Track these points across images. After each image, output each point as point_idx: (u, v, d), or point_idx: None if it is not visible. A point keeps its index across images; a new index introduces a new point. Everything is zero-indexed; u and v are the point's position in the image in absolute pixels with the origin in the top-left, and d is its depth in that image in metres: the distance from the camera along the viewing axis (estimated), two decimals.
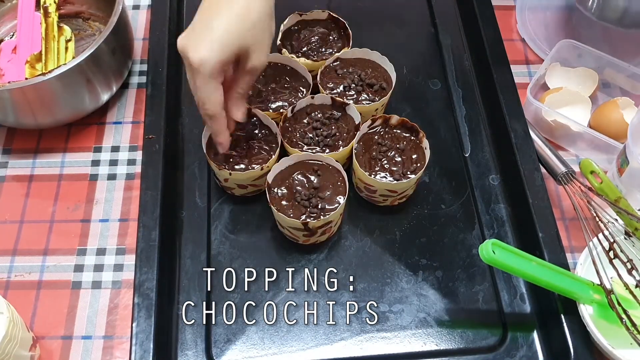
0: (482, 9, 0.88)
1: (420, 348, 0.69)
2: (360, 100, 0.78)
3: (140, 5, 0.95)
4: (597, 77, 0.85)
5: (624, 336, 0.63)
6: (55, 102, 0.77)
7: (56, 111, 0.79)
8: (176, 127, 0.82)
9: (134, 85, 0.87)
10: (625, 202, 0.71)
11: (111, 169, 0.81)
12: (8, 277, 0.74)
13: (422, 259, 0.74)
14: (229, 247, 0.74)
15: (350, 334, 0.69)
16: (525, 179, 0.74)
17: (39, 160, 0.82)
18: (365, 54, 0.80)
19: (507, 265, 0.63)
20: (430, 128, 0.80)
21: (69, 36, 0.85)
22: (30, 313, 0.71)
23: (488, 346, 0.69)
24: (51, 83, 0.74)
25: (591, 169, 0.72)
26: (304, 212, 0.69)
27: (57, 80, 0.74)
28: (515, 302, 0.71)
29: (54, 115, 0.80)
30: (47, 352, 0.69)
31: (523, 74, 0.89)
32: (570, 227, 0.77)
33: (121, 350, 0.69)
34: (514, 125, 0.78)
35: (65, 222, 0.77)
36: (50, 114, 0.79)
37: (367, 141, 0.75)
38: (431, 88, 0.87)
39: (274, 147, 0.74)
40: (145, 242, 0.70)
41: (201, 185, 0.78)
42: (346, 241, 0.75)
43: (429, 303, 0.71)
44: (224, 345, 0.69)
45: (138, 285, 0.67)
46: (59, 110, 0.79)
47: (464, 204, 0.78)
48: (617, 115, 0.80)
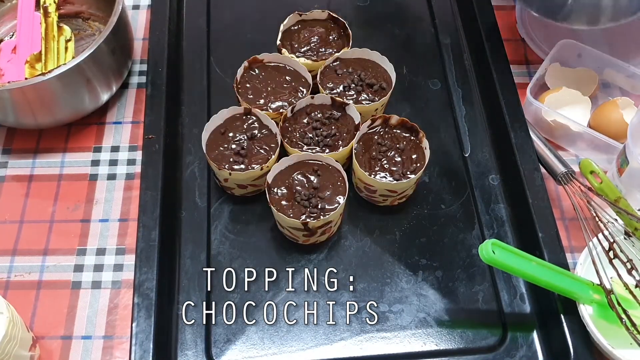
0: (481, 9, 0.88)
1: (420, 348, 0.69)
2: (360, 100, 0.78)
3: (140, 5, 0.95)
4: (596, 77, 0.85)
5: (624, 336, 0.63)
6: (55, 102, 0.77)
7: (56, 111, 0.79)
8: (176, 127, 0.82)
9: (134, 85, 0.87)
10: (625, 202, 0.71)
11: (111, 168, 0.81)
12: (8, 277, 0.74)
13: (421, 259, 0.74)
14: (228, 247, 0.74)
15: (350, 334, 0.69)
16: (525, 179, 0.74)
17: (38, 160, 0.82)
18: (365, 54, 0.80)
19: (507, 265, 0.63)
20: (430, 128, 0.80)
21: (68, 36, 0.85)
22: (30, 313, 0.71)
23: (488, 346, 0.69)
24: (51, 83, 0.74)
25: (591, 169, 0.72)
26: (304, 212, 0.69)
27: (57, 80, 0.74)
28: (515, 302, 0.71)
29: (54, 115, 0.80)
30: (47, 352, 0.69)
31: (523, 74, 0.89)
32: (570, 227, 0.77)
33: (121, 350, 0.69)
34: (514, 125, 0.78)
35: (65, 222, 0.77)
36: (50, 113, 0.79)
37: (367, 141, 0.75)
38: (431, 88, 0.87)
39: (274, 147, 0.74)
40: (145, 242, 0.70)
41: (201, 185, 0.78)
42: (346, 241, 0.75)
43: (428, 303, 0.71)
44: (223, 345, 0.69)
45: (138, 285, 0.68)
46: (58, 110, 0.79)
47: (464, 204, 0.78)
48: (616, 115, 0.80)
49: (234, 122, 0.75)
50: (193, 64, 0.88)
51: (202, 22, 0.91)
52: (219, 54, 0.89)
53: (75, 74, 0.76)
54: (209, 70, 0.87)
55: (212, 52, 0.89)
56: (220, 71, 0.87)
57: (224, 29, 0.91)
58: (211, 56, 0.89)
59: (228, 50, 0.89)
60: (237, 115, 0.76)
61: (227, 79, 0.85)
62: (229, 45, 0.90)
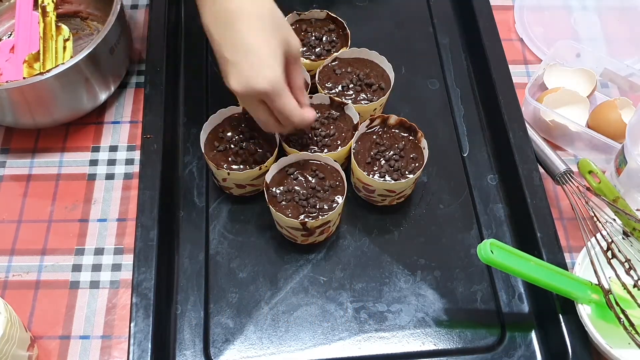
0: (480, 9, 0.88)
1: (418, 348, 0.69)
2: (359, 100, 0.78)
3: (139, 4, 0.95)
4: (595, 77, 0.85)
5: (622, 336, 0.63)
6: (53, 101, 0.77)
7: (54, 111, 0.79)
8: (174, 127, 0.82)
9: (132, 85, 0.87)
10: (624, 202, 0.71)
11: (109, 168, 0.81)
12: (6, 276, 0.73)
13: (420, 258, 0.74)
14: (227, 247, 0.74)
15: (348, 333, 0.69)
16: (524, 179, 0.74)
17: (37, 159, 0.81)
18: (363, 53, 0.80)
19: (505, 265, 0.63)
20: (429, 128, 0.80)
21: (67, 36, 0.85)
22: (28, 313, 0.71)
23: (486, 346, 0.69)
24: (49, 83, 0.74)
25: (589, 168, 0.72)
26: (303, 211, 0.69)
27: (55, 80, 0.74)
28: (514, 302, 0.71)
29: (52, 115, 0.80)
30: (45, 352, 0.69)
31: (521, 73, 0.89)
32: (569, 227, 0.77)
33: (119, 350, 0.69)
34: (512, 125, 0.78)
35: (63, 221, 0.77)
36: (48, 113, 0.79)
37: (366, 141, 0.75)
38: (430, 88, 0.87)
39: (273, 146, 0.74)
40: (143, 241, 0.70)
41: (199, 185, 0.78)
42: (344, 241, 0.75)
43: (427, 303, 0.71)
44: (222, 345, 0.69)
45: (136, 285, 0.67)
46: (57, 110, 0.79)
47: (462, 204, 0.78)
48: (615, 115, 0.80)
49: (232, 122, 0.75)
50: (191, 63, 0.88)
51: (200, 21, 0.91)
52: None
53: (73, 74, 0.76)
54: (208, 69, 0.87)
55: (210, 51, 0.89)
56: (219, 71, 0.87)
57: None
58: (209, 55, 0.88)
59: None
60: (236, 115, 0.76)
61: None
62: None
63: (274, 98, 0.63)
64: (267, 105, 0.65)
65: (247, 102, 0.66)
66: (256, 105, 0.65)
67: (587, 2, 0.96)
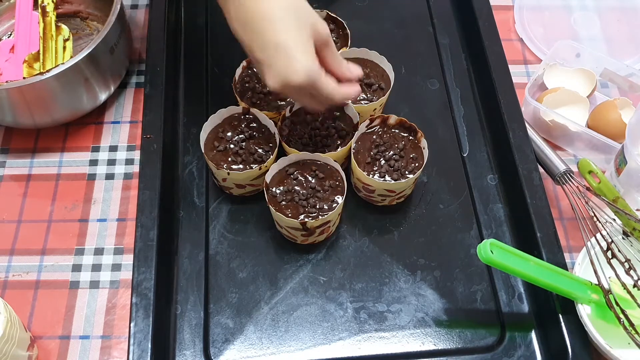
0: (480, 9, 0.88)
1: (418, 348, 0.69)
2: (359, 100, 0.78)
3: (139, 4, 0.95)
4: (595, 77, 0.85)
5: (622, 336, 0.63)
6: (53, 101, 0.77)
7: (54, 111, 0.79)
8: (174, 127, 0.82)
9: (132, 85, 0.87)
10: (623, 202, 0.71)
11: (109, 168, 0.81)
12: (6, 276, 0.73)
13: (420, 258, 0.74)
14: (227, 247, 0.74)
15: (348, 333, 0.69)
16: (524, 179, 0.74)
17: (36, 159, 0.81)
18: (363, 53, 0.80)
19: (505, 265, 0.63)
20: (429, 128, 0.80)
21: (67, 35, 0.85)
22: (27, 313, 0.71)
23: (486, 346, 0.69)
24: (49, 82, 0.74)
25: (589, 168, 0.72)
26: (302, 211, 0.69)
27: (55, 80, 0.74)
28: (514, 302, 0.71)
29: (52, 115, 0.80)
30: (45, 352, 0.69)
31: (521, 73, 0.89)
32: (568, 227, 0.77)
33: (119, 350, 0.69)
34: (512, 125, 0.78)
35: (63, 221, 0.77)
36: (48, 113, 0.79)
37: (366, 141, 0.75)
38: (429, 88, 0.87)
39: (272, 146, 0.74)
40: (143, 241, 0.70)
41: (199, 185, 0.78)
42: (344, 241, 0.75)
43: (427, 303, 0.71)
44: (222, 345, 0.69)
45: (136, 285, 0.67)
46: (56, 110, 0.79)
47: (462, 204, 0.78)
48: (615, 115, 0.80)
49: (232, 122, 0.75)
50: (191, 63, 0.88)
51: (200, 21, 0.91)
52: (217, 54, 0.89)
53: (73, 74, 0.76)
54: (207, 69, 0.87)
55: (210, 51, 0.89)
56: (219, 71, 0.87)
57: (223, 28, 0.91)
58: (209, 56, 0.88)
59: (226, 49, 0.89)
60: (236, 114, 0.76)
61: (226, 79, 0.85)
62: (228, 44, 0.88)
63: (312, 86, 0.64)
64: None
65: (290, 95, 0.69)
66: (298, 96, 0.67)
67: (587, 2, 0.96)
